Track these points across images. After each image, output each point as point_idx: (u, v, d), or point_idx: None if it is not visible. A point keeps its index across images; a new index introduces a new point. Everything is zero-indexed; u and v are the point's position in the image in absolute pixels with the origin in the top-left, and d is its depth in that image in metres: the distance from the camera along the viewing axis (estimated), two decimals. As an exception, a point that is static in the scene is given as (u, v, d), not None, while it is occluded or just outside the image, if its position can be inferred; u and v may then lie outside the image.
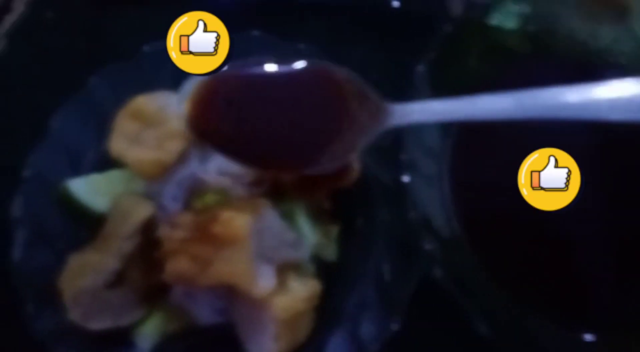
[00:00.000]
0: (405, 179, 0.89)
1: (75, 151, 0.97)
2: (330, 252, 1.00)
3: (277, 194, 0.96)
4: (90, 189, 0.93)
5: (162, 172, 0.91)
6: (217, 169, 0.97)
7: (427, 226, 0.89)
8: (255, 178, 0.99)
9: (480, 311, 0.82)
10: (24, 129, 0.98)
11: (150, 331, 0.89)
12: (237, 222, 0.82)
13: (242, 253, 0.83)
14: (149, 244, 0.88)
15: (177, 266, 0.82)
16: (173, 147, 0.91)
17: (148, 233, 0.87)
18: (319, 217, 1.00)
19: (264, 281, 0.85)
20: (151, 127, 0.91)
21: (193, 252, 0.82)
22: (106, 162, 0.98)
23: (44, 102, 1.00)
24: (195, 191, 0.96)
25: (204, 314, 0.91)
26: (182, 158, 0.94)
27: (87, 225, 0.93)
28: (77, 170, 0.96)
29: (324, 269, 0.96)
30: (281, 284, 0.88)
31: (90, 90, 1.00)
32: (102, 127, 0.98)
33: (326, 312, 0.94)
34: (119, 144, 0.90)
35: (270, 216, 0.89)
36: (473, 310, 0.82)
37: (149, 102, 0.91)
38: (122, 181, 0.96)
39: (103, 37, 1.20)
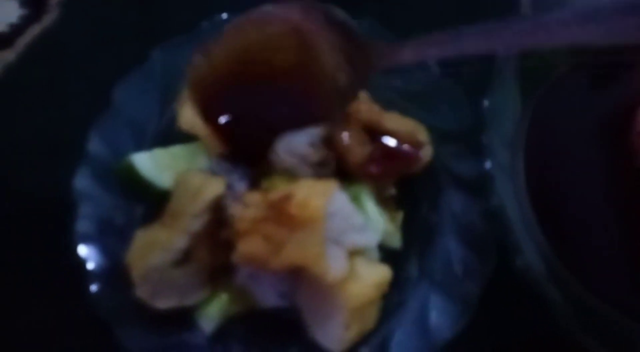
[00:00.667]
0: (487, 165, 0.85)
1: (138, 125, 0.94)
2: (395, 240, 0.97)
3: (343, 176, 0.93)
4: (154, 164, 0.90)
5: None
6: (284, 148, 0.95)
7: (504, 216, 0.86)
8: (321, 158, 0.96)
9: (565, 304, 0.79)
10: (85, 103, 0.94)
11: (213, 312, 0.86)
12: (313, 203, 0.79)
13: (316, 236, 0.80)
14: (216, 223, 0.86)
15: (250, 246, 0.79)
16: (246, 122, 0.88)
17: (216, 212, 0.84)
18: (384, 203, 0.98)
19: (336, 266, 0.82)
20: (222, 102, 0.88)
21: (266, 233, 0.79)
22: (169, 137, 0.95)
23: (103, 75, 0.97)
24: (261, 170, 0.94)
25: (268, 297, 0.88)
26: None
27: (148, 201, 0.92)
28: (140, 145, 0.93)
29: (388, 257, 0.94)
30: (351, 271, 0.85)
31: (151, 63, 0.97)
32: (164, 101, 0.96)
33: (392, 301, 0.92)
34: (190, 115, 0.87)
35: (341, 199, 0.86)
36: (557, 302, 0.79)
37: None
38: (186, 157, 0.93)
39: (158, 11, 1.17)
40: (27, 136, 1.03)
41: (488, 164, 0.88)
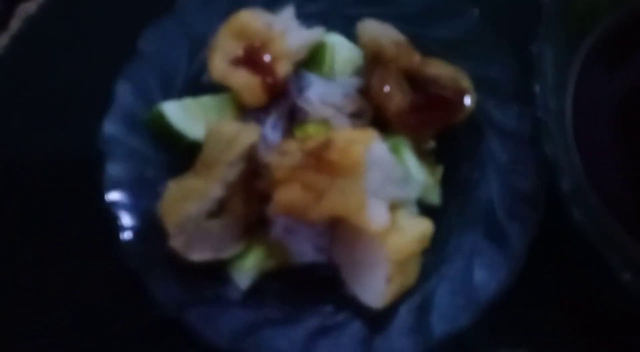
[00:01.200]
0: (537, 113, 0.80)
1: (165, 74, 0.89)
2: (434, 195, 0.92)
3: (380, 128, 0.89)
4: (184, 114, 0.86)
5: (267, 98, 0.84)
6: (318, 97, 0.90)
7: (555, 167, 0.81)
8: (358, 108, 0.92)
9: (621, 258, 0.74)
10: (111, 51, 0.90)
11: (248, 266, 0.82)
12: (355, 149, 0.75)
13: (358, 183, 0.76)
14: (251, 174, 0.82)
15: (289, 194, 0.75)
16: (281, 69, 0.84)
17: (251, 161, 0.81)
18: (423, 157, 0.93)
19: (377, 217, 0.78)
20: (256, 48, 0.84)
21: (306, 181, 0.75)
22: (198, 88, 0.91)
23: (129, 22, 0.93)
24: (295, 120, 0.90)
25: (304, 251, 0.84)
26: (283, 84, 0.87)
27: (176, 151, 0.87)
28: (168, 94, 0.89)
29: (427, 214, 0.89)
30: (393, 223, 0.81)
31: (179, 9, 0.92)
32: (193, 49, 0.92)
33: (432, 258, 0.88)
34: (221, 66, 0.83)
35: (380, 148, 0.82)
36: (614, 257, 0.74)
37: (254, 19, 0.83)
38: (217, 108, 0.88)
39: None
40: (53, 87, 0.99)
41: (537, 112, 0.84)
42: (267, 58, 0.83)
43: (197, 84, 0.90)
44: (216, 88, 0.89)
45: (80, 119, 0.91)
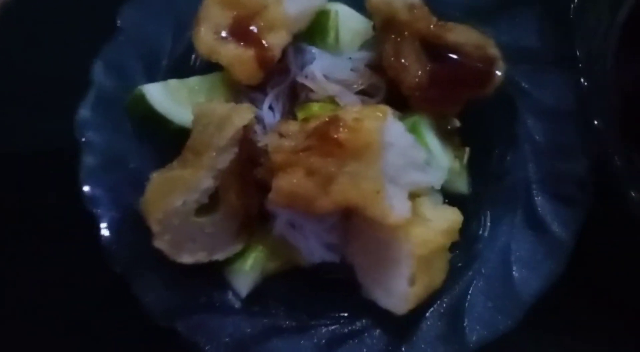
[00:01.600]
0: (581, 83, 0.68)
1: (149, 53, 0.79)
2: (461, 182, 0.80)
3: (397, 106, 0.77)
4: (168, 96, 0.75)
5: (262, 73, 0.73)
6: (323, 73, 0.78)
7: (606, 145, 0.69)
8: (369, 85, 0.80)
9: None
10: (89, 28, 0.80)
11: (248, 269, 0.71)
12: (367, 125, 0.63)
13: (373, 166, 0.64)
14: (246, 162, 0.71)
15: (290, 182, 0.63)
16: (277, 40, 0.72)
17: (246, 146, 0.70)
18: (446, 137, 0.81)
19: (397, 207, 0.66)
20: (248, 17, 0.73)
21: (310, 166, 0.64)
22: (186, 69, 0.80)
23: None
24: (297, 100, 0.79)
25: (312, 250, 0.73)
26: (281, 58, 0.76)
27: (162, 139, 0.76)
28: (153, 75, 0.78)
29: (453, 203, 0.77)
30: (415, 214, 0.69)
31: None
32: (178, 24, 0.80)
33: (462, 253, 0.77)
34: (209, 38, 0.72)
35: (397, 128, 0.70)
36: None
37: (245, -17, 0.72)
38: (205, 89, 0.77)
39: None
40: (26, 71, 0.89)
41: (584, 81, 0.71)
42: (260, 28, 0.72)
43: (185, 64, 0.80)
44: (207, 69, 0.79)
45: (57, 105, 0.79)
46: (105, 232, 0.70)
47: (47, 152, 0.83)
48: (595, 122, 0.68)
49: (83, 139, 0.74)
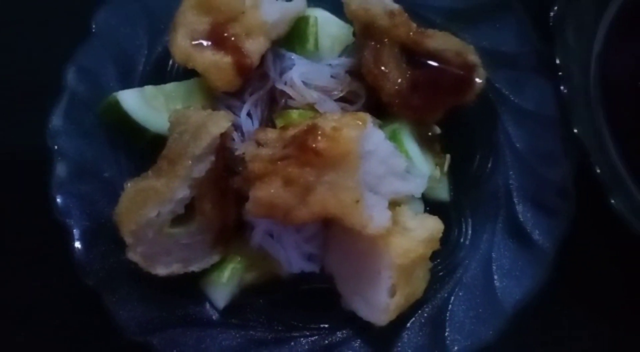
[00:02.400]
0: (561, 89, 0.67)
1: (124, 59, 0.77)
2: (442, 190, 0.79)
3: (377, 114, 0.76)
4: (143, 103, 0.72)
5: (240, 80, 0.71)
6: (302, 79, 0.77)
7: (586, 151, 0.68)
8: (349, 92, 0.79)
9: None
10: (62, 33, 0.78)
11: (225, 280, 0.70)
12: (346, 134, 0.62)
13: (352, 176, 0.63)
14: (223, 171, 0.69)
15: (268, 191, 0.62)
16: (254, 46, 0.71)
17: (222, 155, 0.68)
18: (427, 144, 0.80)
19: (376, 216, 0.64)
20: (225, 22, 0.71)
21: (287, 176, 0.62)
22: (163, 75, 0.78)
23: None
24: (276, 107, 0.77)
25: (291, 260, 0.71)
26: (259, 64, 0.75)
27: (137, 147, 0.74)
28: (128, 82, 0.76)
29: (433, 212, 0.76)
30: (395, 223, 0.68)
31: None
32: (154, 29, 0.79)
33: (443, 262, 0.76)
34: (186, 44, 0.70)
35: (377, 135, 0.69)
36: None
37: (221, -11, 0.71)
38: (182, 95, 0.75)
39: None
40: (1, 76, 0.85)
41: (562, 87, 0.71)
42: (238, 34, 0.70)
43: (162, 70, 0.78)
44: (185, 75, 0.77)
45: (28, 111, 0.79)
46: (77, 243, 0.67)
47: (17, 161, 0.80)
48: (575, 130, 0.68)
49: (55, 147, 0.72)
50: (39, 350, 0.75)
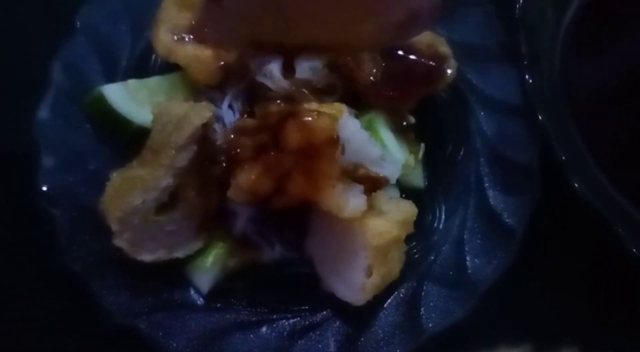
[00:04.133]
0: (527, 79, 0.71)
1: (108, 53, 0.79)
2: (417, 176, 0.83)
3: (354, 104, 0.79)
4: (128, 97, 0.75)
5: (221, 73, 0.74)
6: (281, 72, 0.80)
7: (550, 136, 0.72)
8: (327, 84, 0.82)
9: (629, 229, 0.66)
10: (48, 27, 0.80)
11: (209, 265, 0.72)
12: (322, 123, 0.65)
13: (328, 163, 0.66)
14: (205, 160, 0.72)
15: (248, 178, 0.65)
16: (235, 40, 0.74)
17: (204, 144, 0.71)
18: (401, 133, 0.84)
19: (352, 201, 0.68)
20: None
21: (267, 163, 0.66)
22: (145, 69, 0.81)
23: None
24: (256, 99, 0.80)
25: (273, 246, 0.75)
26: (239, 57, 0.78)
27: (122, 139, 0.77)
28: (112, 76, 0.79)
29: (411, 196, 0.79)
30: (371, 207, 0.71)
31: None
32: (137, 24, 0.81)
33: (418, 245, 0.79)
34: (167, 39, 0.73)
35: (353, 124, 0.72)
36: (621, 229, 0.66)
37: (201, -16, 0.74)
38: (165, 90, 0.78)
39: None
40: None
41: (526, 76, 0.75)
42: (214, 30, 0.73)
43: (145, 64, 0.81)
44: (168, 69, 0.80)
45: (15, 105, 0.80)
46: (64, 232, 0.70)
47: (4, 153, 0.81)
48: (540, 117, 0.72)
49: (41, 140, 0.74)
50: (24, 337, 0.77)
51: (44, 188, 0.71)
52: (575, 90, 0.79)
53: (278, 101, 0.78)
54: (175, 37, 0.74)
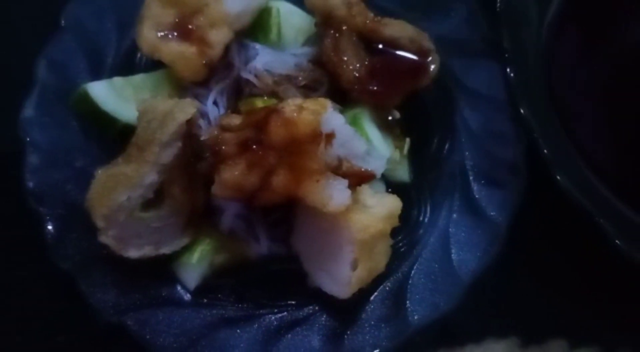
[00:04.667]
0: (509, 73, 0.72)
1: (94, 51, 0.80)
2: (402, 171, 0.83)
3: (339, 99, 0.80)
4: (113, 94, 0.75)
5: (205, 70, 0.74)
6: (266, 68, 0.80)
7: (534, 130, 0.73)
8: (311, 80, 0.83)
9: (612, 224, 0.67)
10: (34, 25, 0.80)
11: (195, 262, 0.73)
12: (306, 118, 0.66)
13: (312, 158, 0.67)
14: (190, 156, 0.72)
15: (233, 174, 0.65)
16: (219, 37, 0.74)
17: (189, 141, 0.71)
18: (387, 129, 0.84)
19: (337, 195, 0.68)
20: (190, 14, 0.74)
21: (251, 159, 0.66)
22: (130, 66, 0.81)
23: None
24: (241, 95, 0.80)
25: (260, 242, 0.75)
26: (224, 54, 0.78)
27: (108, 137, 0.77)
28: (98, 74, 0.79)
29: (395, 192, 0.79)
30: (356, 202, 0.72)
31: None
32: (122, 22, 0.82)
33: (404, 238, 0.80)
34: (152, 36, 0.73)
35: (337, 119, 0.72)
36: (604, 223, 0.66)
37: (185, -19, 0.74)
38: (150, 87, 0.78)
39: None
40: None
41: (510, 70, 0.76)
42: (202, 25, 0.73)
43: (130, 62, 0.81)
44: (153, 66, 0.80)
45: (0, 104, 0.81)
46: (50, 229, 0.70)
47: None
48: (522, 111, 0.73)
49: (27, 138, 0.74)
50: (16, 336, 0.77)
51: (30, 186, 0.71)
52: (558, 85, 0.80)
53: (263, 97, 0.80)
54: (160, 34, 0.74)
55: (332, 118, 0.72)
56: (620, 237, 0.69)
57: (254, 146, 0.67)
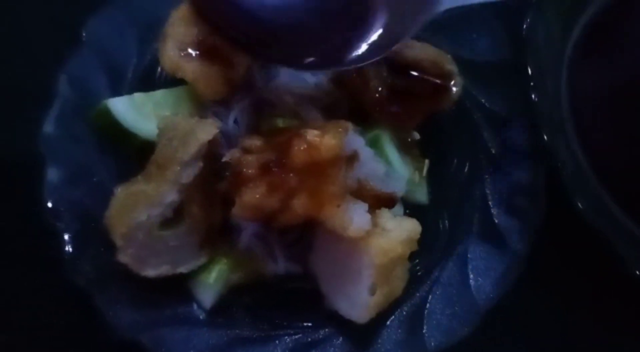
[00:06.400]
0: (532, 97, 0.71)
1: (114, 67, 0.79)
2: (421, 193, 0.82)
3: (359, 120, 0.79)
4: (134, 110, 0.75)
5: (227, 89, 0.74)
6: (286, 88, 0.81)
7: (554, 156, 0.72)
8: (332, 100, 0.82)
9: (633, 250, 0.66)
10: (53, 42, 0.80)
11: (212, 281, 0.72)
12: (327, 142, 0.65)
13: (333, 181, 0.66)
14: (210, 175, 0.72)
15: (253, 196, 0.65)
16: (240, 57, 0.74)
17: (210, 160, 0.71)
18: (406, 150, 0.83)
19: (357, 219, 0.68)
20: (212, 34, 0.74)
21: (272, 181, 0.65)
22: (150, 82, 0.81)
23: (74, 10, 0.82)
24: (262, 114, 0.80)
25: (277, 261, 0.75)
26: (245, 73, 0.78)
27: (127, 153, 0.77)
28: (118, 89, 0.79)
29: (413, 214, 0.78)
30: (375, 225, 0.71)
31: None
32: (143, 38, 0.82)
33: (422, 263, 0.79)
34: (174, 55, 0.73)
35: (357, 141, 0.72)
36: (624, 250, 0.66)
37: (209, 0, 0.74)
38: (170, 103, 0.78)
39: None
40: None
41: (532, 95, 0.75)
42: (225, 45, 0.73)
43: (151, 78, 0.81)
44: (172, 82, 0.80)
45: (21, 118, 0.81)
46: (68, 245, 0.70)
47: (10, 165, 0.82)
48: (545, 136, 0.72)
49: (47, 154, 0.74)
50: (25, 349, 0.77)
51: (50, 201, 0.71)
52: (580, 110, 0.79)
53: (284, 117, 0.80)
54: (182, 53, 0.74)
55: (353, 141, 0.73)
56: (639, 265, 0.69)
57: (275, 168, 0.67)
